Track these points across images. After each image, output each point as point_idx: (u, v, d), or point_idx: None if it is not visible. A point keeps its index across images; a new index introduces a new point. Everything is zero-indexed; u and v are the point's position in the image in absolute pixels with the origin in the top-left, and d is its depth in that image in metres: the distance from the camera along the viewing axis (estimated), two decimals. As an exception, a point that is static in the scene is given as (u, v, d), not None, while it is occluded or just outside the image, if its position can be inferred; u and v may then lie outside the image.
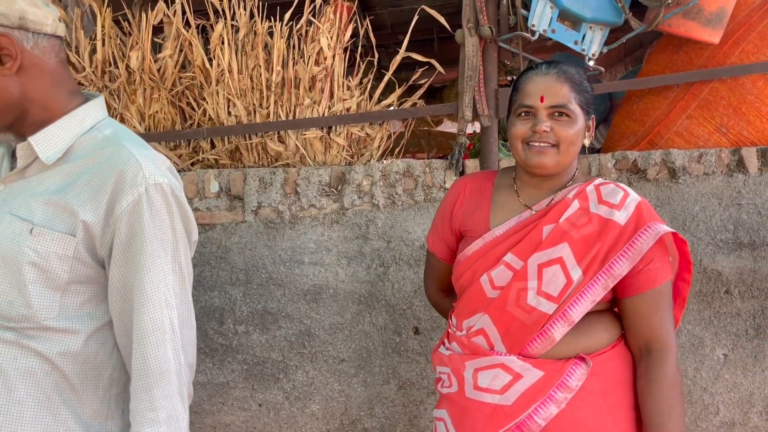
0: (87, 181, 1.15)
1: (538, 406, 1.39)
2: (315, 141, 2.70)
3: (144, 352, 1.16)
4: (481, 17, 2.40)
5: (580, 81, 1.47)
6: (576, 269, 1.40)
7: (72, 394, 1.18)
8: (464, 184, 1.66)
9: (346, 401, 2.58)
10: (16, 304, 1.13)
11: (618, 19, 2.43)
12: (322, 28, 2.64)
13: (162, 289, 1.17)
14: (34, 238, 1.12)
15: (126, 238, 1.15)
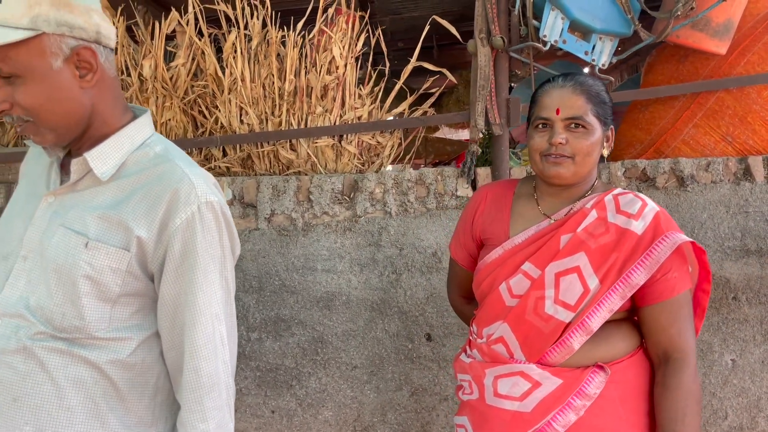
0: (141, 198, 1.17)
1: (557, 413, 1.41)
2: (326, 149, 2.73)
3: (197, 365, 1.18)
4: (493, 28, 2.44)
5: (597, 92, 1.48)
6: (593, 278, 1.42)
7: (119, 402, 1.20)
8: (485, 193, 1.69)
9: (358, 408, 2.59)
10: (68, 316, 1.15)
11: (627, 30, 2.47)
12: (334, 37, 2.66)
13: (213, 304, 1.19)
14: (90, 252, 1.14)
15: (179, 254, 1.17)
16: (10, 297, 1.17)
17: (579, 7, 2.38)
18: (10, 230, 1.24)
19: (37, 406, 1.14)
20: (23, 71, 1.11)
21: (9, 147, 2.73)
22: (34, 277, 1.17)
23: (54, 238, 1.17)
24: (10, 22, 1.08)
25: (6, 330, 1.16)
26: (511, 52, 2.50)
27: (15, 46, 1.08)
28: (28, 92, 1.12)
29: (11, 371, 1.14)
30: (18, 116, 1.13)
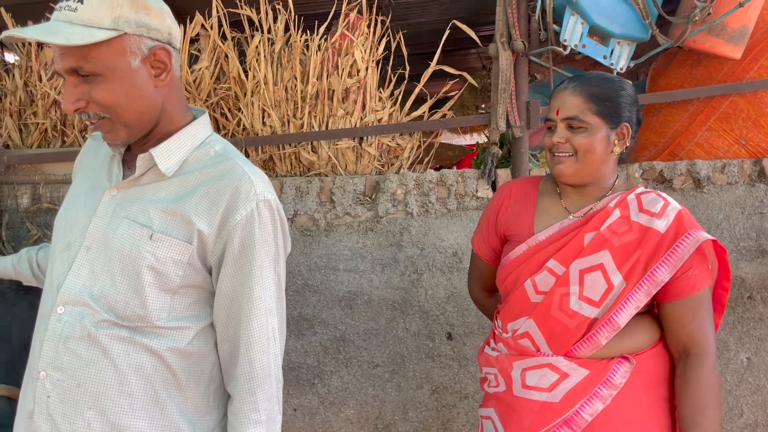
0: (204, 194, 1.21)
1: (584, 403, 1.46)
2: (347, 151, 2.77)
3: (251, 356, 1.22)
4: (514, 32, 2.49)
5: (600, 91, 1.51)
6: (616, 275, 1.47)
7: (177, 389, 1.23)
8: (509, 189, 1.73)
9: (380, 406, 2.63)
10: (132, 305, 1.19)
11: (645, 35, 2.53)
12: (356, 41, 2.71)
13: (267, 297, 1.24)
14: (154, 244, 1.18)
15: (238, 249, 1.21)
16: (74, 286, 1.21)
17: (598, 12, 2.43)
18: (72, 221, 1.28)
19: (100, 391, 1.18)
20: (104, 70, 1.14)
21: (33, 148, 2.76)
22: (97, 267, 1.21)
23: (118, 229, 1.21)
24: (93, 23, 1.12)
25: (70, 318, 1.19)
26: (531, 56, 2.55)
27: (97, 46, 1.12)
28: (108, 90, 1.15)
29: (75, 357, 1.18)
30: (94, 113, 1.17)
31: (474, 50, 6.53)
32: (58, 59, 1.14)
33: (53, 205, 2.62)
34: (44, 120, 2.75)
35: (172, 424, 1.22)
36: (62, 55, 1.13)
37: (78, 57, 1.12)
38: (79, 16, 1.11)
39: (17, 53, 2.86)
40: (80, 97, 1.15)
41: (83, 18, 1.12)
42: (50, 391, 1.19)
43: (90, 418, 1.17)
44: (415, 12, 5.16)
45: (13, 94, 2.77)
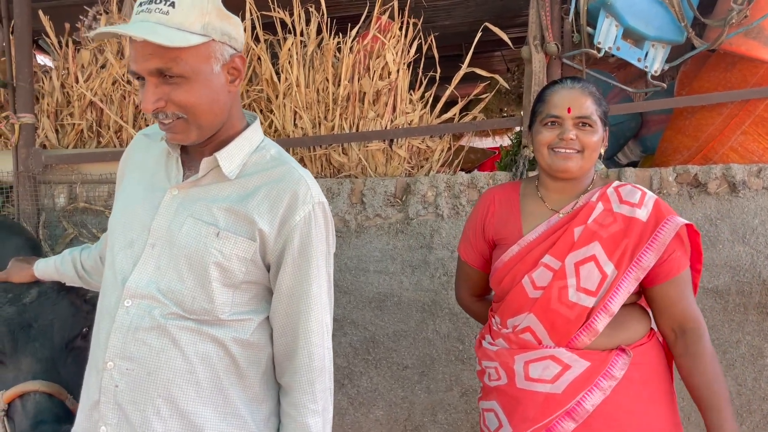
0: (264, 196, 1.27)
1: (586, 394, 1.53)
2: (377, 153, 2.78)
3: (310, 349, 1.28)
4: (547, 35, 2.49)
5: (600, 96, 1.63)
6: (608, 264, 1.55)
7: (238, 378, 1.29)
8: (492, 196, 1.79)
9: (409, 407, 2.63)
10: (198, 299, 1.24)
11: (680, 38, 2.51)
12: (387, 44, 2.72)
13: (323, 294, 1.30)
14: (221, 241, 1.24)
15: (297, 249, 1.26)
16: (140, 280, 1.25)
17: (633, 14, 2.42)
18: (131, 219, 1.32)
19: (169, 379, 1.23)
20: (190, 73, 1.19)
21: (69, 149, 2.81)
22: (162, 263, 1.26)
23: (183, 227, 1.26)
24: (185, 27, 1.17)
25: (138, 310, 1.24)
26: (564, 59, 2.54)
27: (188, 49, 1.17)
28: (190, 92, 1.20)
29: (146, 347, 1.23)
30: (172, 113, 1.21)
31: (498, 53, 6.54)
32: (141, 60, 1.17)
33: (89, 205, 2.66)
34: (80, 121, 2.80)
35: (234, 411, 1.27)
36: (149, 55, 1.16)
37: (167, 59, 1.16)
38: (171, 19, 1.16)
39: (54, 56, 2.92)
40: (160, 98, 1.19)
41: (175, 21, 1.16)
42: (118, 380, 1.23)
43: (160, 405, 1.22)
44: (440, 15, 5.17)
45: (50, 96, 2.83)
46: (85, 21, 3.05)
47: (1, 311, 1.60)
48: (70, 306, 1.69)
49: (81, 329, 1.69)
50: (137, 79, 1.23)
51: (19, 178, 2.64)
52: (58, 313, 1.65)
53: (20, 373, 1.55)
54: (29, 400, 1.51)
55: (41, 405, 1.51)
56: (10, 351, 1.57)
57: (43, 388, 1.53)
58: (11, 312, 1.60)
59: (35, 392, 1.52)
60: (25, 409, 1.50)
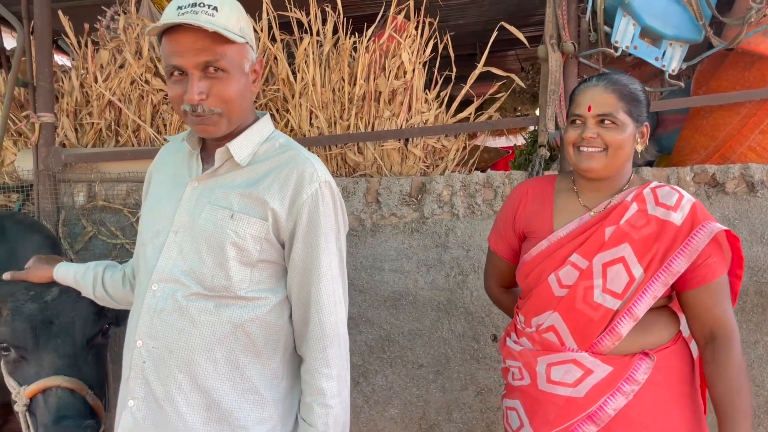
0: (274, 178, 1.38)
1: (608, 398, 1.52)
2: (393, 152, 2.78)
3: (321, 318, 1.38)
4: (564, 34, 2.48)
5: (630, 91, 1.57)
6: (637, 267, 1.52)
7: (255, 356, 1.39)
8: (526, 189, 1.77)
9: (424, 406, 2.63)
10: (217, 277, 1.35)
11: (698, 37, 2.49)
12: (403, 43, 2.73)
13: (332, 267, 1.40)
14: (235, 222, 1.35)
15: (306, 224, 1.37)
16: (166, 265, 1.38)
17: (651, 13, 2.41)
18: (158, 212, 1.45)
19: (189, 357, 1.34)
20: (231, 68, 1.34)
21: (88, 148, 2.83)
22: (185, 247, 1.38)
23: (203, 214, 1.38)
24: (228, 28, 1.32)
25: (163, 293, 1.36)
26: (580, 58, 2.53)
27: (231, 47, 1.33)
28: (229, 86, 1.35)
29: (168, 327, 1.35)
30: (209, 108, 1.34)
31: (512, 52, 6.53)
32: (190, 54, 1.30)
33: (108, 203, 2.69)
34: (99, 120, 2.83)
35: (252, 387, 1.37)
36: (200, 50, 1.30)
37: (216, 53, 1.31)
38: (217, 21, 1.30)
39: (73, 56, 2.95)
40: (203, 90, 1.32)
41: (220, 22, 1.30)
42: (145, 357, 1.36)
43: (181, 380, 1.33)
44: (454, 14, 5.17)
45: (70, 95, 2.86)
46: (103, 21, 3.08)
47: (24, 308, 1.63)
48: (91, 304, 1.71)
49: (101, 327, 1.71)
50: (175, 74, 1.35)
51: (39, 177, 2.67)
52: (79, 310, 1.68)
53: (42, 369, 1.58)
54: (51, 395, 1.54)
55: (63, 400, 1.54)
56: (32, 347, 1.60)
57: (65, 384, 1.55)
58: (33, 309, 1.63)
59: (57, 387, 1.55)
60: (47, 404, 1.53)
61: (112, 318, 1.77)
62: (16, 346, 1.62)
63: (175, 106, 1.39)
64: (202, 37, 1.30)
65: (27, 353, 1.61)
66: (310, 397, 1.38)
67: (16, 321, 1.61)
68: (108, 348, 1.80)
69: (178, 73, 1.34)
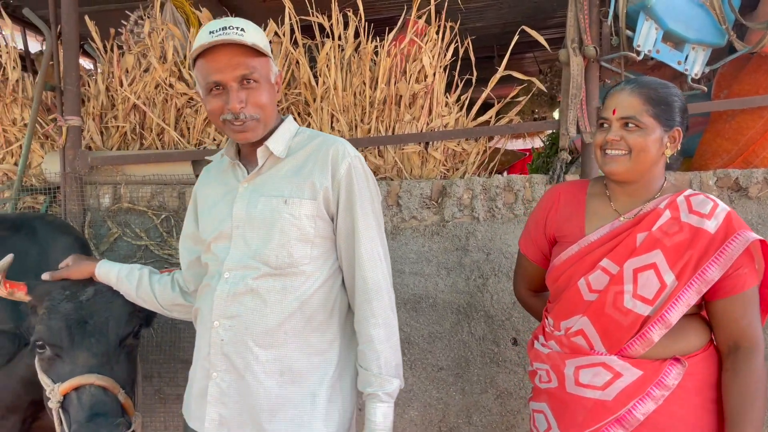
0: (314, 162, 1.60)
1: (637, 402, 1.52)
2: (413, 155, 2.80)
3: (364, 274, 1.57)
4: (585, 37, 2.48)
5: (657, 95, 1.57)
6: (669, 274, 1.52)
7: (317, 325, 1.58)
8: (558, 192, 1.78)
9: (444, 409, 2.64)
10: (281, 256, 1.55)
11: (721, 41, 2.48)
12: (424, 47, 2.74)
13: (370, 229, 1.59)
14: (289, 206, 1.55)
15: (346, 195, 1.58)
16: (234, 256, 1.58)
17: (673, 17, 2.40)
18: (215, 217, 1.65)
19: (263, 331, 1.54)
20: (261, 79, 1.56)
21: (113, 150, 2.88)
22: (247, 236, 1.57)
23: (258, 205, 1.58)
24: (259, 45, 1.53)
25: (235, 279, 1.56)
26: (602, 62, 2.53)
27: (260, 61, 1.55)
28: (262, 95, 1.57)
29: (243, 307, 1.55)
30: (248, 114, 1.54)
31: (530, 54, 6.51)
32: (228, 69, 1.50)
33: (132, 205, 2.73)
34: (124, 123, 2.87)
35: (316, 351, 1.58)
36: (236, 65, 1.51)
37: (250, 67, 1.52)
38: (246, 39, 1.50)
39: (99, 60, 3.00)
40: (242, 99, 1.53)
41: (249, 40, 1.51)
42: (223, 335, 1.55)
43: (257, 352, 1.53)
44: (472, 17, 5.18)
45: (96, 99, 2.91)
46: (127, 25, 3.13)
47: (60, 307, 1.67)
48: (124, 305, 1.76)
49: (133, 327, 1.75)
50: (214, 90, 1.54)
51: (66, 179, 2.72)
52: (112, 311, 1.72)
53: (76, 367, 1.62)
54: (85, 393, 1.58)
55: (96, 398, 1.57)
56: (67, 345, 1.64)
57: (99, 382, 1.59)
58: (69, 308, 1.67)
59: (90, 385, 1.59)
60: (81, 402, 1.57)
61: (142, 319, 1.81)
62: (51, 344, 1.66)
63: (214, 119, 1.58)
64: (237, 54, 1.51)
65: (62, 351, 1.65)
66: (363, 344, 1.57)
67: (52, 320, 1.65)
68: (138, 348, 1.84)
69: (217, 88, 1.54)
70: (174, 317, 1.85)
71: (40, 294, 1.71)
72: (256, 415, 1.53)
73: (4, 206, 2.83)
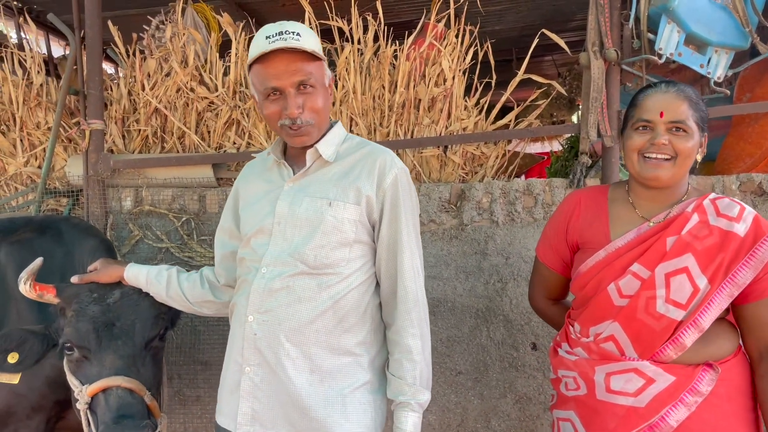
0: (361, 168, 1.62)
1: (670, 409, 1.50)
2: (432, 159, 2.80)
3: (405, 284, 1.59)
4: (606, 41, 2.47)
5: (697, 100, 1.57)
6: (701, 278, 1.50)
7: (349, 326, 1.59)
8: (578, 198, 1.76)
9: (462, 413, 2.64)
10: (319, 257, 1.56)
11: (744, 44, 2.46)
12: (443, 51, 2.74)
13: (412, 242, 1.61)
14: (333, 209, 1.57)
15: (391, 204, 1.60)
16: (273, 251, 1.59)
17: (696, 20, 2.38)
18: (258, 212, 1.66)
19: (295, 327, 1.54)
20: (317, 84, 1.58)
21: (135, 154, 2.91)
22: (288, 234, 1.59)
23: (302, 205, 1.59)
24: (315, 50, 1.56)
25: (272, 274, 1.57)
26: (623, 65, 2.52)
27: (315, 66, 1.57)
28: (318, 99, 1.59)
29: (277, 302, 1.56)
30: (304, 119, 1.56)
31: (549, 57, 6.48)
32: (286, 76, 1.52)
33: (154, 208, 2.76)
34: (145, 127, 2.91)
35: (346, 352, 1.58)
36: (294, 71, 1.53)
37: (307, 73, 1.54)
38: (303, 45, 1.52)
39: (122, 64, 3.04)
40: (300, 105, 1.55)
41: (307, 46, 1.53)
42: (256, 329, 1.56)
43: (288, 348, 1.54)
44: (491, 20, 5.16)
45: (118, 102, 2.95)
46: (149, 30, 3.17)
47: (87, 310, 1.69)
48: (151, 308, 1.78)
49: (159, 330, 1.77)
50: (272, 95, 1.56)
51: (89, 182, 2.75)
52: (139, 314, 1.74)
53: (103, 369, 1.64)
54: (111, 395, 1.60)
55: (123, 400, 1.59)
56: (94, 348, 1.66)
57: (125, 384, 1.61)
58: (96, 311, 1.69)
59: (117, 387, 1.61)
60: (108, 403, 1.59)
61: (168, 321, 1.83)
62: (79, 346, 1.68)
63: (272, 123, 1.61)
64: (294, 60, 1.52)
65: (89, 353, 1.67)
66: (399, 354, 1.57)
67: (80, 322, 1.68)
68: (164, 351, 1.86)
69: (274, 94, 1.56)
70: (203, 314, 1.86)
71: (68, 296, 1.74)
72: (287, 411, 1.55)
73: (28, 208, 2.88)
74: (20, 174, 3.00)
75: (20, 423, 1.94)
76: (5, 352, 1.71)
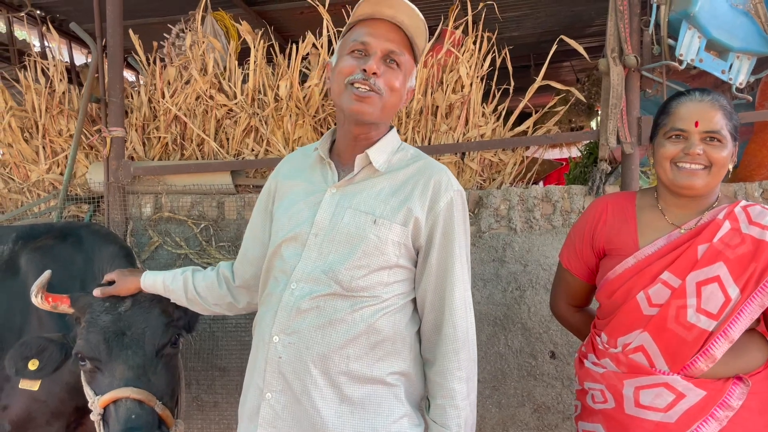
0: (413, 185, 1.47)
1: (701, 424, 1.47)
2: (449, 165, 2.79)
3: (455, 321, 1.44)
4: (626, 47, 2.45)
5: (731, 109, 1.55)
6: (734, 287, 1.47)
7: (385, 355, 1.43)
8: (605, 204, 1.73)
9: (480, 421, 2.61)
10: (356, 278, 1.41)
11: (766, 49, 2.42)
12: (461, 57, 2.74)
13: (465, 273, 1.47)
14: (377, 227, 1.42)
15: (442, 230, 1.44)
16: (306, 266, 1.44)
17: (717, 25, 2.35)
18: (295, 216, 1.51)
19: (324, 353, 1.39)
20: (402, 68, 1.46)
21: (155, 161, 2.94)
22: (324, 248, 1.44)
23: (344, 218, 1.45)
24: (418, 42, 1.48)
25: (302, 292, 1.42)
26: (643, 71, 2.49)
27: (410, 60, 1.49)
28: (396, 80, 1.45)
29: (306, 323, 1.41)
30: (378, 85, 1.42)
31: (567, 63, 6.45)
32: (382, 38, 1.42)
33: (173, 214, 2.78)
34: (165, 134, 2.94)
35: (380, 382, 1.43)
36: (392, 40, 1.43)
37: (400, 47, 1.44)
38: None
39: (142, 72, 3.07)
40: (376, 71, 1.41)
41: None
42: (281, 352, 1.42)
43: (315, 375, 1.39)
44: (510, 26, 5.15)
45: (138, 110, 2.98)
46: (169, 38, 3.21)
47: (99, 320, 1.69)
48: (161, 314, 1.76)
49: (170, 337, 1.76)
50: (356, 52, 1.44)
51: (110, 189, 2.79)
52: (150, 321, 1.73)
53: (114, 380, 1.63)
54: (121, 406, 1.59)
55: (131, 411, 1.58)
56: (105, 358, 1.66)
57: (134, 395, 1.60)
58: (107, 321, 1.69)
59: (127, 399, 1.60)
60: (118, 415, 1.59)
61: (182, 326, 1.82)
62: (90, 357, 1.68)
63: (339, 79, 1.45)
64: (398, 34, 1.44)
65: (101, 364, 1.67)
66: (442, 399, 1.42)
67: (90, 333, 1.68)
68: (179, 356, 1.86)
69: (359, 52, 1.43)
70: (216, 313, 1.80)
71: (82, 306, 1.74)
72: None
73: (50, 215, 2.92)
74: (42, 181, 3.05)
75: (40, 429, 1.95)
76: (26, 359, 1.71)
